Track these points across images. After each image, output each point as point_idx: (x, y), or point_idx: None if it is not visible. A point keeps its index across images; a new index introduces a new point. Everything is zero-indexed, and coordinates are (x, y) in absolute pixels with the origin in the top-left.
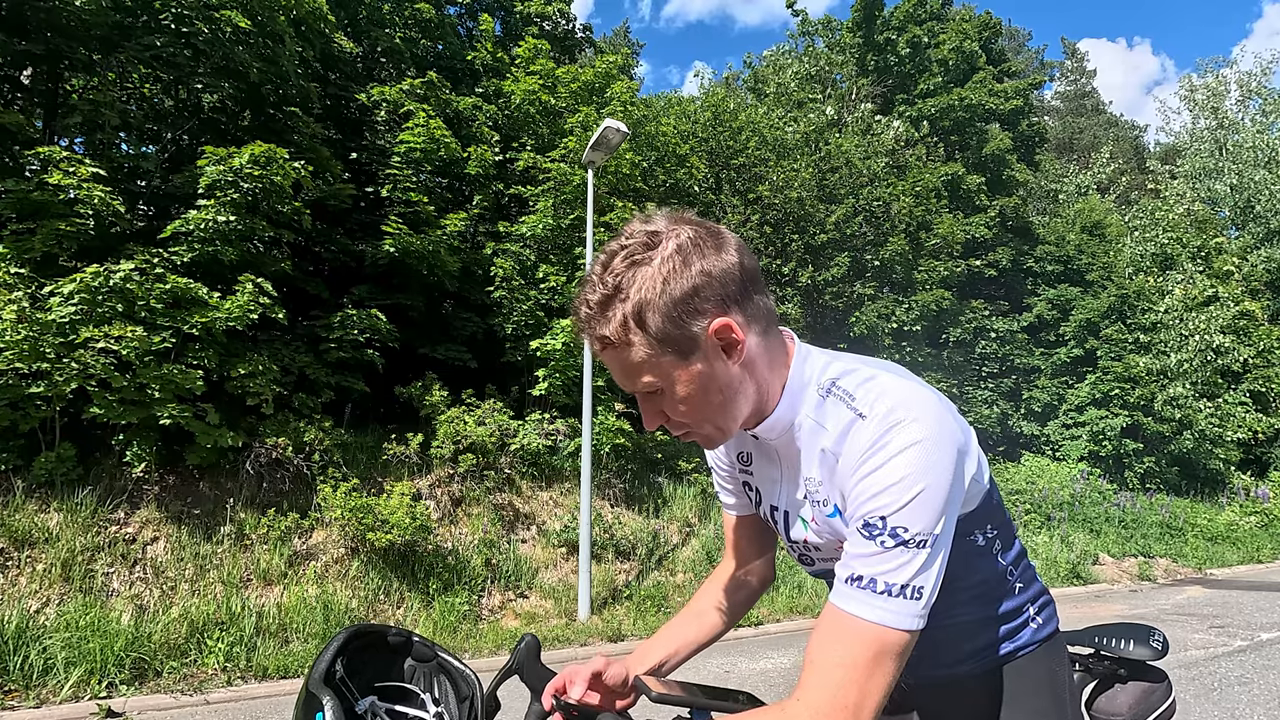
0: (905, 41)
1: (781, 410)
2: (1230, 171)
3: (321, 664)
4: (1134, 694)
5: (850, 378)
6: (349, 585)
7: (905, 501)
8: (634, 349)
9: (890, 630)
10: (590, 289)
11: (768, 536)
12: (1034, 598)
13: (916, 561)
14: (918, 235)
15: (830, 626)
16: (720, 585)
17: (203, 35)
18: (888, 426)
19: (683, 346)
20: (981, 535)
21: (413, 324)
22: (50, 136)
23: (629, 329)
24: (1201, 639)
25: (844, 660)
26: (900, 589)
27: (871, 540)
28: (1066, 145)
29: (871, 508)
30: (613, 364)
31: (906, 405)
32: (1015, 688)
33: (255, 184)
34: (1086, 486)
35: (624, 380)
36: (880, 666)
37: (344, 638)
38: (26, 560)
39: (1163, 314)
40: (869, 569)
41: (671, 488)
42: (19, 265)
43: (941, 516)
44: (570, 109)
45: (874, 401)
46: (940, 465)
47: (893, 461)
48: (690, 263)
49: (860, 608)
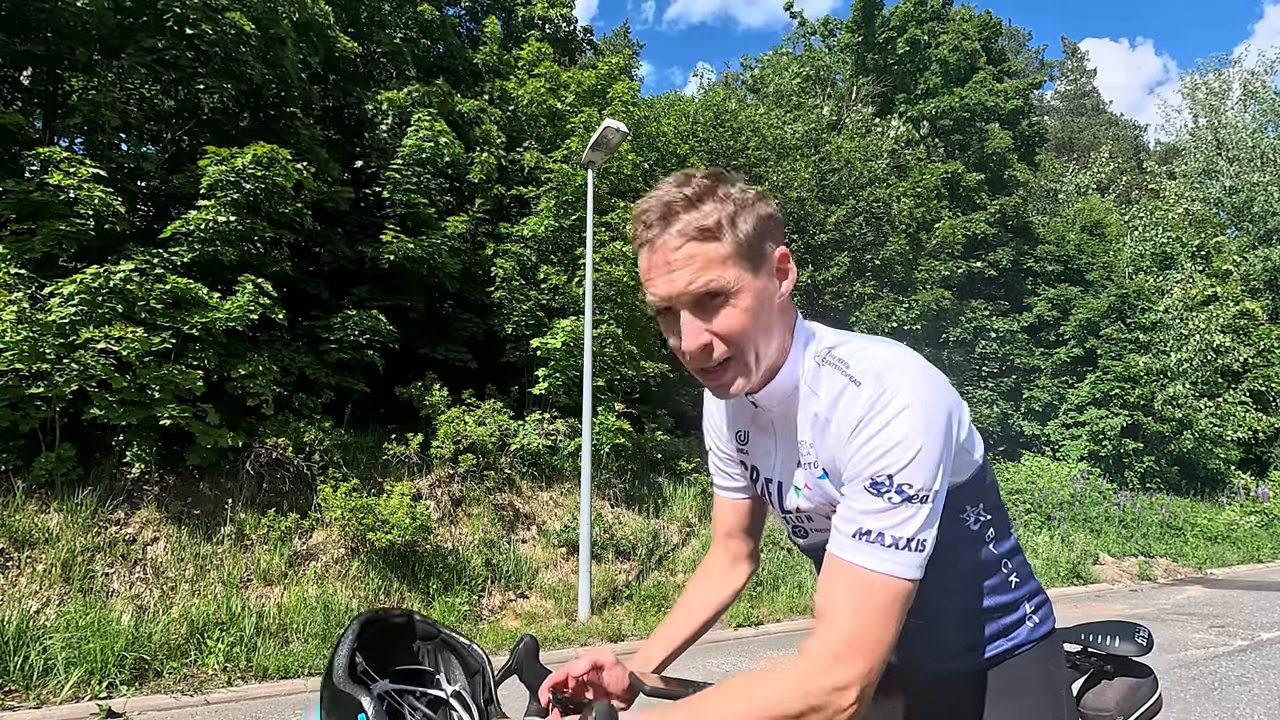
0: (905, 41)
1: (784, 374)
2: (1228, 172)
3: (342, 659)
4: (1121, 690)
5: (844, 347)
6: (349, 585)
7: (908, 460)
8: (722, 245)
9: (898, 580)
10: (678, 188)
11: (756, 522)
12: (1030, 595)
13: (920, 516)
14: (918, 235)
15: (841, 579)
16: (709, 579)
17: (206, 37)
18: (881, 391)
19: (756, 259)
20: (973, 516)
21: (413, 324)
22: (50, 137)
23: (722, 225)
24: (1201, 639)
25: (859, 609)
26: (907, 542)
27: (879, 497)
28: (1066, 145)
29: (879, 467)
30: (694, 259)
31: (898, 371)
32: (1012, 687)
33: (257, 185)
34: (1086, 486)
35: (697, 275)
36: (892, 614)
37: (358, 628)
38: (27, 560)
39: (1162, 313)
40: (877, 524)
41: (671, 488)
42: (19, 266)
43: (938, 473)
44: (575, 110)
45: (867, 369)
46: (934, 426)
47: (894, 423)
48: (763, 198)
49: (871, 560)
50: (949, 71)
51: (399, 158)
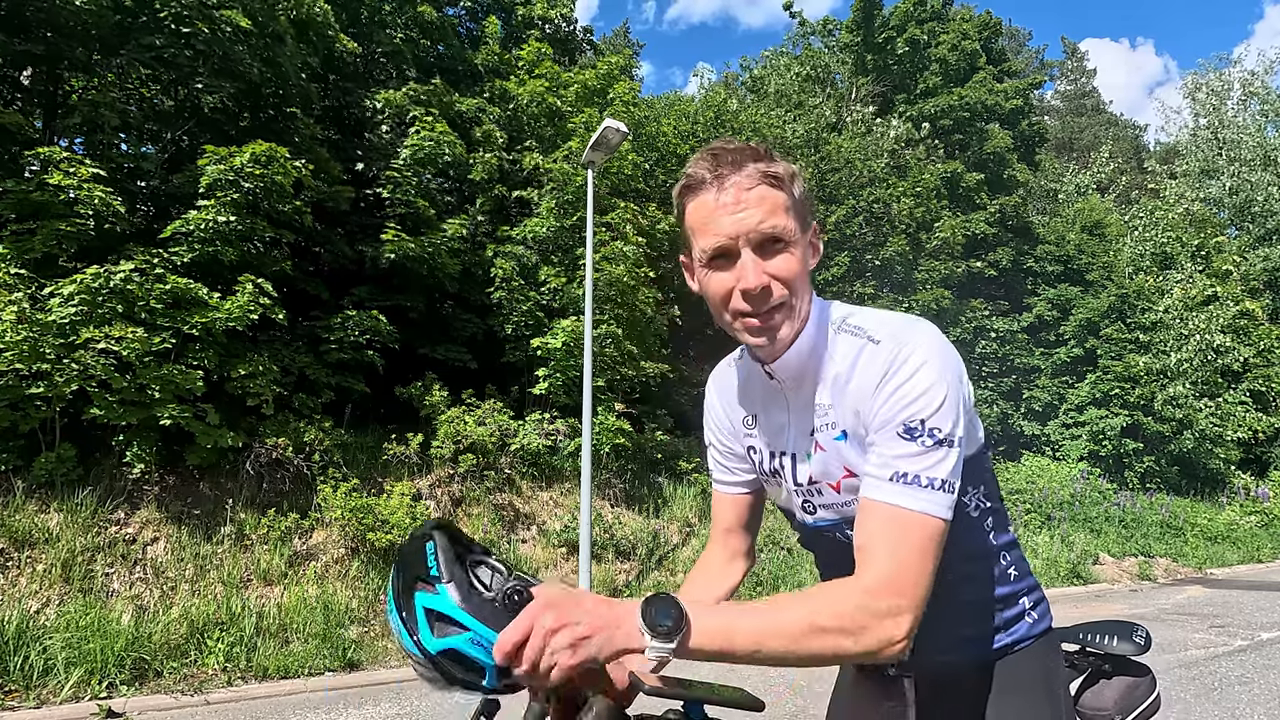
0: (904, 41)
1: (802, 341)
2: (1229, 172)
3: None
4: (1119, 689)
5: (858, 316)
6: (349, 585)
7: (937, 405)
8: (785, 195)
9: (934, 519)
10: (743, 144)
11: (754, 519)
12: (1028, 590)
13: (950, 459)
14: (918, 235)
15: (880, 520)
16: (707, 576)
17: (203, 35)
18: (901, 345)
19: (804, 223)
20: (974, 501)
21: (413, 324)
22: (50, 137)
23: (785, 180)
24: (1201, 639)
25: (898, 548)
26: (941, 483)
27: (914, 441)
28: (1066, 145)
29: (910, 412)
30: (765, 201)
31: (913, 330)
32: (1012, 683)
33: (256, 183)
34: (1086, 486)
35: (767, 216)
36: (929, 552)
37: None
38: (27, 560)
39: (1162, 313)
40: (913, 466)
41: (671, 488)
42: (19, 266)
43: (961, 421)
44: (576, 110)
45: (883, 330)
46: (954, 378)
47: (920, 372)
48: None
49: (909, 500)
50: (949, 71)
51: (400, 158)
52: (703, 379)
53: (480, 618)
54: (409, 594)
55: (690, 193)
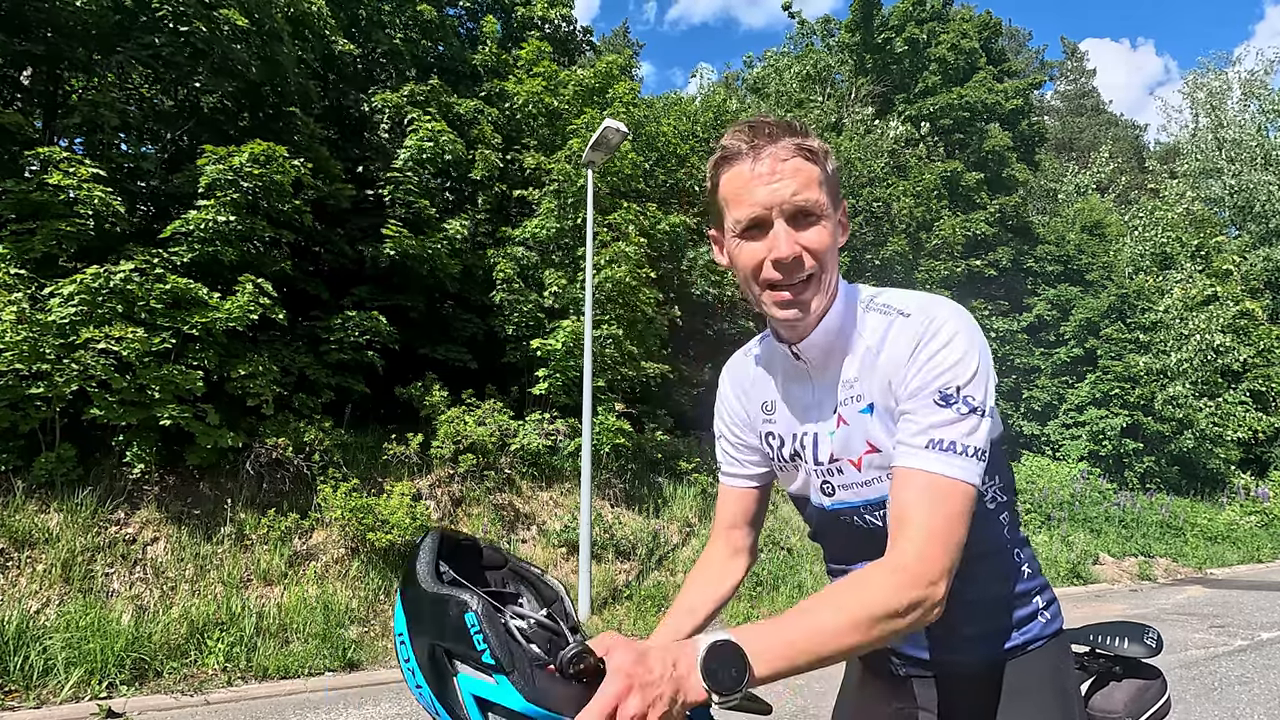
0: (903, 41)
1: (830, 319)
2: (1229, 171)
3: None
4: (1129, 691)
5: (886, 295)
6: (349, 585)
7: (971, 375)
8: (820, 170)
9: (966, 485)
10: (779, 119)
11: (759, 515)
12: (1040, 589)
13: (984, 427)
14: (918, 235)
15: (915, 487)
16: (709, 573)
17: (200, 34)
18: (931, 318)
19: (835, 199)
20: (990, 492)
21: (413, 324)
22: (50, 137)
23: (820, 155)
24: (1201, 639)
25: (934, 512)
26: (975, 451)
27: (949, 408)
28: (1066, 145)
29: (945, 380)
30: (800, 173)
31: (941, 305)
32: (1023, 683)
33: (255, 183)
34: (1086, 486)
35: (801, 187)
36: (963, 518)
37: (436, 539)
38: (26, 561)
39: (1162, 313)
40: (948, 434)
41: (671, 488)
42: (19, 266)
43: (991, 392)
44: (576, 111)
45: (911, 305)
46: (984, 351)
47: (953, 343)
48: None
49: (944, 466)
50: (948, 71)
51: (400, 159)
52: (703, 379)
53: (547, 704)
54: (443, 673)
55: (726, 164)
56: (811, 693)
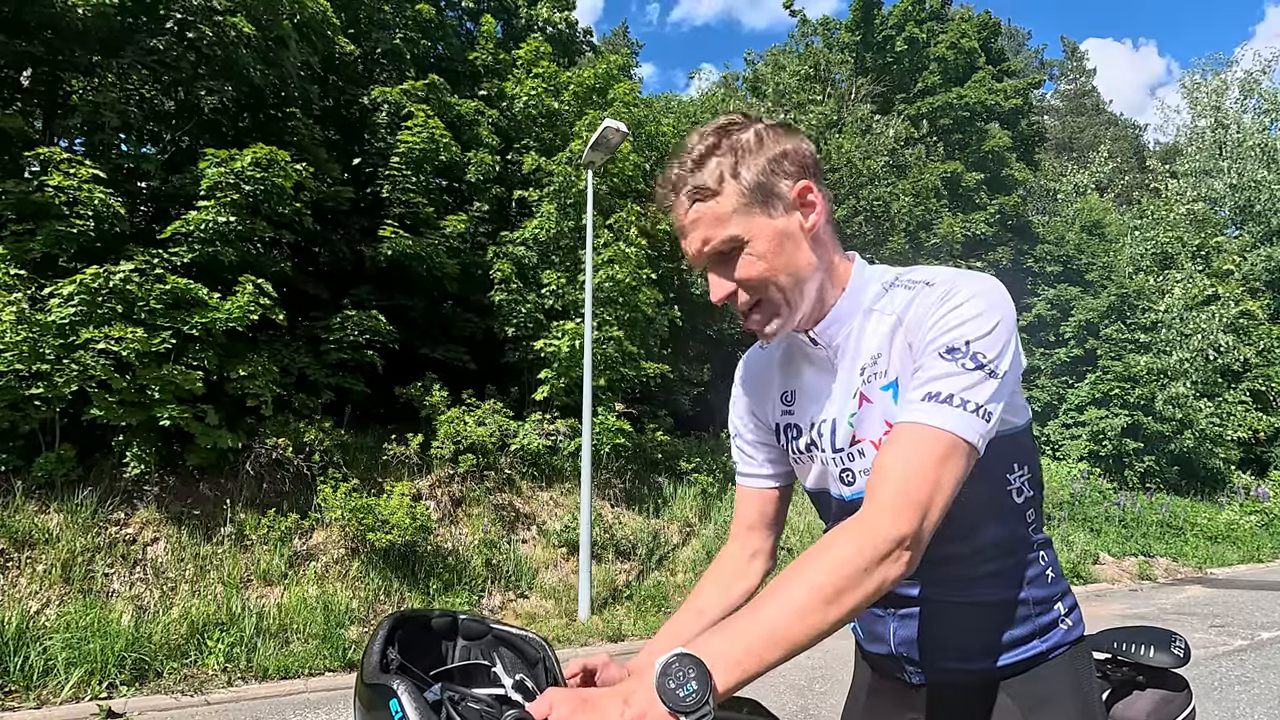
0: (903, 40)
1: (845, 302)
2: (1230, 170)
3: (373, 656)
4: (1152, 701)
5: (910, 273)
6: (349, 586)
7: (986, 330)
8: (724, 199)
9: (959, 437)
10: (686, 153)
11: (779, 515)
12: (1062, 594)
13: (990, 386)
14: (917, 235)
15: (901, 438)
16: (723, 575)
17: (206, 39)
18: (956, 279)
19: (770, 201)
20: (1017, 482)
21: (413, 325)
22: (50, 138)
23: (724, 179)
24: (1201, 638)
25: (910, 459)
26: (976, 407)
27: (953, 362)
28: (1066, 145)
29: (955, 334)
30: (700, 220)
31: (967, 274)
32: (1044, 693)
33: (256, 186)
34: (1086, 486)
35: (707, 234)
36: (948, 467)
37: (389, 625)
38: (26, 561)
39: (1163, 313)
40: (947, 387)
41: (671, 488)
42: (19, 266)
43: (1010, 355)
44: (576, 112)
45: (937, 277)
46: (1009, 309)
47: (972, 300)
48: (779, 136)
49: (933, 417)
50: (948, 70)
51: (396, 154)
52: (703, 379)
53: None
54: None
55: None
56: (812, 693)
